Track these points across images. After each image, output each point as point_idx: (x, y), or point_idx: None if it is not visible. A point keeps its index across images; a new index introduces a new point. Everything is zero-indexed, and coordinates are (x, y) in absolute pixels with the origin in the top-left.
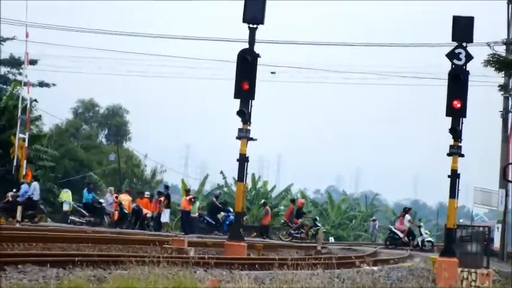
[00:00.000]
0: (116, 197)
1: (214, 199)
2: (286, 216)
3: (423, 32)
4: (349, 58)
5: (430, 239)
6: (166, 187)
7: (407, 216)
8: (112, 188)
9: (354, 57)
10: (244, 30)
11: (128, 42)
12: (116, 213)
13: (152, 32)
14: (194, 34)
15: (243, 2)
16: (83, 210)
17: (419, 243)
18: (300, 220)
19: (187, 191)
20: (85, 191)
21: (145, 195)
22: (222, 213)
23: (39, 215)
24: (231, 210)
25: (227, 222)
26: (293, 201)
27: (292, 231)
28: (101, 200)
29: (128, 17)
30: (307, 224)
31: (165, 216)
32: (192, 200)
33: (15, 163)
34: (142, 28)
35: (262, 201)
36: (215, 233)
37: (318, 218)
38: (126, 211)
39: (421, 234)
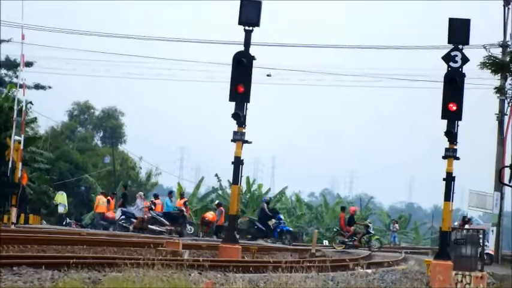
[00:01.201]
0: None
1: (264, 205)
2: (341, 224)
3: (419, 35)
4: (345, 61)
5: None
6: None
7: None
8: (142, 193)
9: (349, 59)
10: (240, 32)
11: (123, 44)
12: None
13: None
14: (190, 36)
15: (239, 4)
16: (163, 219)
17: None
18: (352, 228)
19: (181, 194)
20: (167, 199)
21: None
22: (273, 220)
23: None
24: (282, 217)
25: (278, 230)
26: (343, 208)
27: (346, 239)
28: (181, 208)
29: (123, 19)
30: (360, 231)
31: (118, 214)
32: (186, 203)
33: (10, 165)
34: (137, 31)
35: (217, 201)
36: (265, 240)
37: (370, 225)
38: (155, 216)
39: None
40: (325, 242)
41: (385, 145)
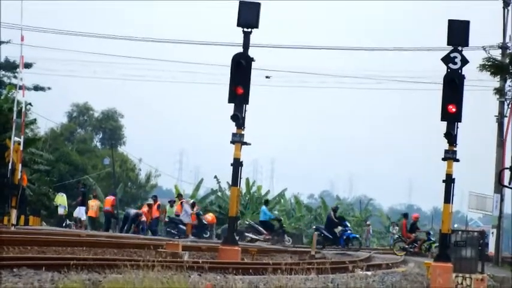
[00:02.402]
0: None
1: (331, 213)
2: (402, 230)
3: (419, 36)
4: (344, 62)
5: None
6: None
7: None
8: (189, 199)
9: (349, 61)
10: (239, 34)
11: (123, 46)
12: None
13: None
14: (189, 38)
15: (238, 6)
16: (260, 228)
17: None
18: (413, 234)
19: (179, 196)
20: (264, 207)
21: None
22: (340, 228)
23: None
24: (348, 224)
25: (344, 237)
26: (405, 215)
27: (406, 246)
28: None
29: (123, 21)
30: (421, 238)
31: (80, 213)
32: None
33: (10, 167)
34: (137, 32)
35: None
36: (333, 247)
37: (432, 232)
38: (204, 222)
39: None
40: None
41: (384, 147)
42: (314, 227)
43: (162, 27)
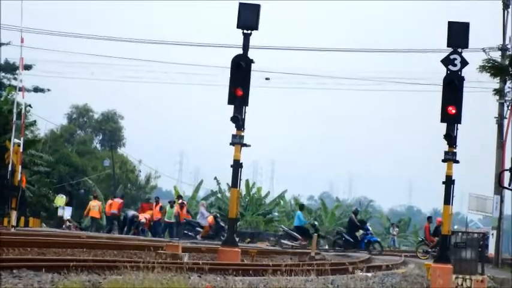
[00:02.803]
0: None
1: (353, 216)
2: (426, 234)
3: (418, 38)
4: (344, 64)
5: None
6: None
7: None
8: (204, 202)
9: (348, 62)
10: (238, 35)
11: (123, 47)
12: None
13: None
14: (189, 40)
15: (237, 7)
16: (295, 234)
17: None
18: (436, 238)
19: (179, 197)
20: (299, 213)
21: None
22: (361, 231)
23: None
24: (370, 228)
25: (365, 240)
26: (429, 218)
27: (429, 249)
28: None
29: (123, 22)
30: None
31: (66, 213)
32: (182, 204)
33: (10, 168)
34: (137, 34)
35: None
36: (353, 251)
37: None
38: (222, 224)
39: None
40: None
41: (384, 148)
42: (336, 230)
43: (162, 28)
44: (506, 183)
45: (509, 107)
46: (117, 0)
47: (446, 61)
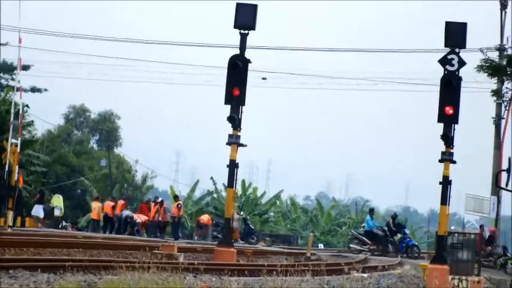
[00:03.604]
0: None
1: (390, 220)
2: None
3: (416, 38)
4: (342, 64)
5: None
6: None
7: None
8: (236, 205)
9: (346, 63)
10: (236, 35)
11: (120, 48)
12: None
13: (144, 38)
14: (185, 40)
15: (235, 7)
16: (364, 238)
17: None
18: (488, 248)
19: (175, 197)
20: (368, 217)
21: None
22: (399, 235)
23: None
24: (407, 232)
25: (403, 244)
26: (482, 227)
27: (481, 259)
28: None
29: (119, 23)
30: (497, 252)
31: (37, 211)
32: (179, 206)
33: (7, 168)
34: (134, 34)
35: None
36: (391, 255)
37: (508, 248)
38: (252, 226)
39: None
40: (321, 246)
41: (381, 148)
42: (350, 233)
43: (158, 28)
44: (503, 183)
45: (507, 107)
46: (113, 0)
47: (444, 61)
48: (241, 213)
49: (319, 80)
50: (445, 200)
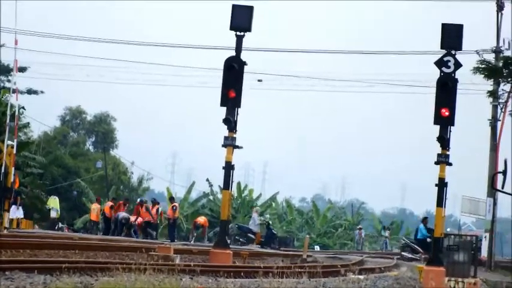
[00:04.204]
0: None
1: (421, 224)
2: None
3: (412, 40)
4: (336, 66)
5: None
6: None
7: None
8: (258, 208)
9: (341, 64)
10: (231, 37)
11: (116, 49)
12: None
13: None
14: (181, 42)
15: (231, 9)
16: (416, 247)
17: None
18: None
19: (171, 199)
20: (421, 225)
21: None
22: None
23: None
24: None
25: None
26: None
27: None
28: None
29: (115, 25)
30: None
31: (15, 213)
32: (174, 208)
33: (3, 170)
34: (130, 36)
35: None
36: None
37: None
38: (274, 231)
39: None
40: (317, 248)
41: (377, 150)
42: (403, 241)
43: (154, 30)
44: (499, 185)
45: (503, 109)
46: (110, 1)
47: (440, 63)
48: (264, 218)
49: (315, 82)
50: (441, 202)
